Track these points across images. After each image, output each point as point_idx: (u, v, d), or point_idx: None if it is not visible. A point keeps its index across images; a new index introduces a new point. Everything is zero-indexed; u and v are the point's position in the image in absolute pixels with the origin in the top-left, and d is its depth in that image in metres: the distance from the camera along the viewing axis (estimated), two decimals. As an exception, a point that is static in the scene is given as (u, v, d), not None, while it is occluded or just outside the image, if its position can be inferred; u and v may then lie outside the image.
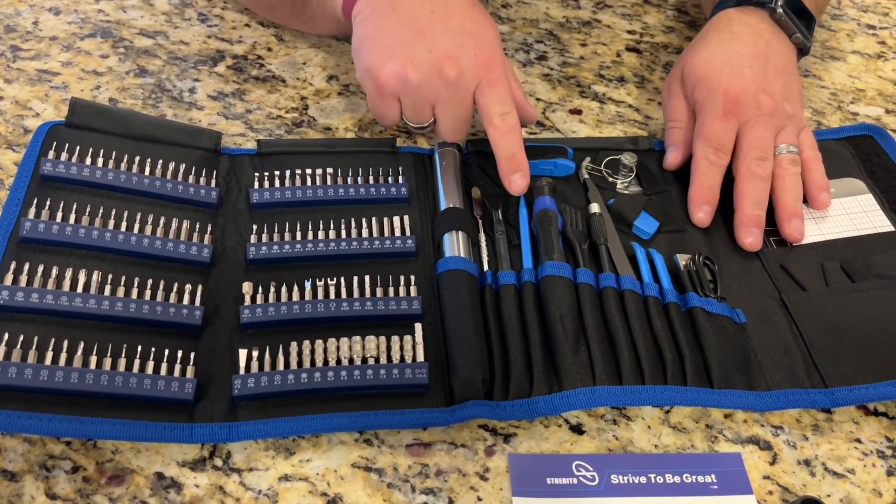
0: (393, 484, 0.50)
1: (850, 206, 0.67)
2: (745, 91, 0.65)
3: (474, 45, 0.62)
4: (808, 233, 0.64)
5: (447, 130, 0.65)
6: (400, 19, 0.63)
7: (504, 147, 0.61)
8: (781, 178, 0.64)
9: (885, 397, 0.54)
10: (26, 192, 0.57)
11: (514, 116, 0.62)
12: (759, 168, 0.63)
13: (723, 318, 0.57)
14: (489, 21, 0.66)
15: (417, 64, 0.61)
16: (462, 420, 0.51)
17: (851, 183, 0.69)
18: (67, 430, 0.48)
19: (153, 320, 0.53)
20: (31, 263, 0.54)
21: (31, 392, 0.48)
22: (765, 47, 0.68)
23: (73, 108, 0.62)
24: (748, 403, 0.54)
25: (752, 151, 0.64)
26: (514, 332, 0.55)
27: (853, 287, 0.60)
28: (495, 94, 0.62)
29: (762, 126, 0.65)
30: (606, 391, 0.52)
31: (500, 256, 0.60)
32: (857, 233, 0.65)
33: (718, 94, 0.65)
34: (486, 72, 0.62)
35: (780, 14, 0.68)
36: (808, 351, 0.57)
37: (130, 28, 0.79)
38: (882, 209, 0.67)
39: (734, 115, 0.65)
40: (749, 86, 0.66)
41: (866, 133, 0.73)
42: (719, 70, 0.66)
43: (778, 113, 0.66)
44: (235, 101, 0.73)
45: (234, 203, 0.62)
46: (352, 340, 0.54)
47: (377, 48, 0.63)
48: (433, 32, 0.62)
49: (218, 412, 0.51)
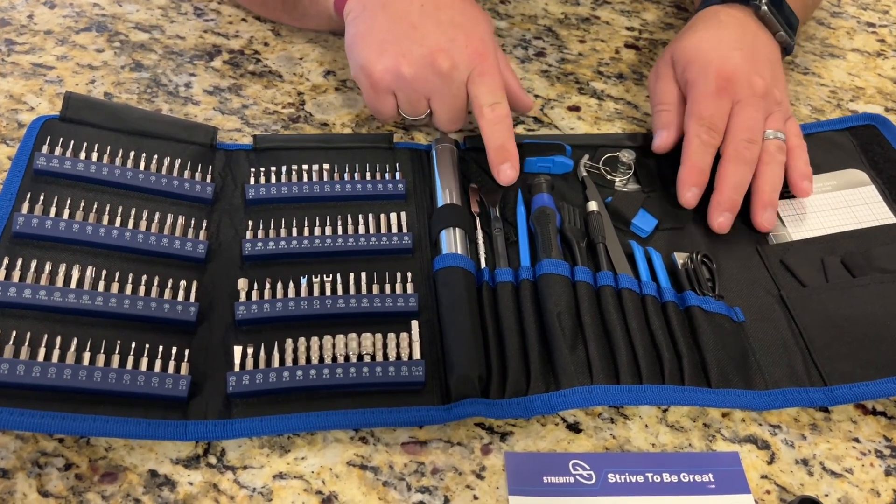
0: (388, 482, 0.49)
1: (851, 198, 0.66)
2: (737, 71, 0.65)
3: (465, 37, 0.63)
4: (809, 226, 0.64)
5: (443, 121, 0.66)
6: (391, 16, 0.63)
7: (493, 137, 0.62)
8: (766, 163, 0.64)
9: (884, 394, 0.54)
10: (19, 187, 0.57)
11: (504, 107, 0.63)
12: (746, 151, 0.63)
13: (721, 316, 0.57)
14: (480, 12, 0.66)
15: (410, 59, 0.62)
16: (459, 418, 0.51)
17: (853, 174, 0.68)
18: (60, 426, 0.47)
19: (147, 316, 0.53)
20: (24, 259, 0.53)
21: (23, 389, 0.48)
22: (752, 37, 0.68)
23: (67, 103, 0.61)
24: (746, 403, 0.53)
25: (742, 132, 0.63)
26: (511, 330, 0.55)
27: (853, 282, 0.60)
28: (485, 85, 0.63)
29: (753, 107, 0.64)
30: (603, 390, 0.52)
31: (498, 254, 0.60)
32: (858, 225, 0.64)
33: (711, 73, 0.65)
34: (478, 62, 0.63)
35: (764, 11, 0.68)
36: (808, 348, 0.56)
37: (126, 22, 0.78)
38: (885, 200, 0.66)
39: (727, 93, 0.64)
40: (741, 66, 0.65)
41: (869, 123, 0.73)
42: (710, 51, 0.66)
43: (768, 97, 0.66)
44: (232, 97, 0.72)
45: (230, 199, 0.61)
46: (347, 337, 0.53)
47: (370, 45, 0.63)
48: (424, 27, 0.63)
49: (212, 409, 0.50)
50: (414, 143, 0.68)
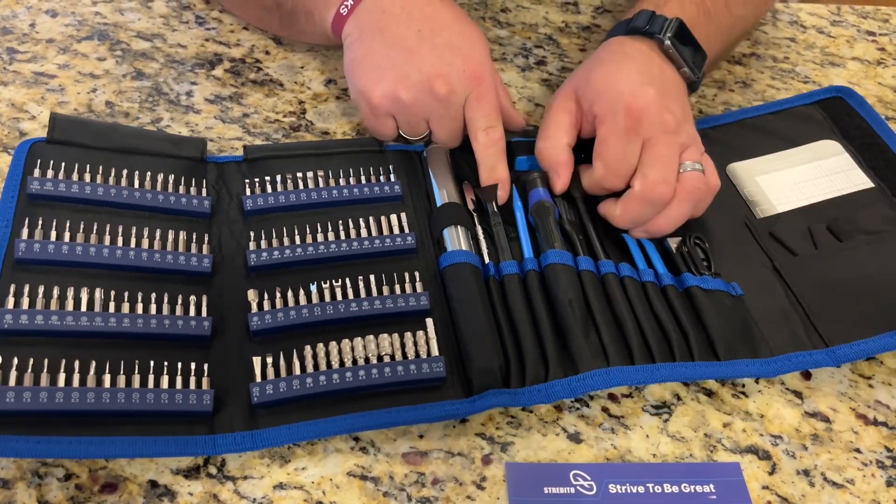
0: (389, 493, 0.49)
1: (829, 168, 0.69)
2: (647, 108, 0.61)
3: (462, 60, 0.63)
4: (793, 198, 0.66)
5: (443, 141, 0.67)
6: (388, 41, 0.64)
7: (486, 160, 0.64)
8: (680, 201, 0.60)
9: (885, 349, 0.56)
10: (15, 212, 0.56)
11: (498, 130, 0.64)
12: (651, 192, 0.59)
13: (720, 293, 0.59)
14: (477, 33, 0.66)
15: (408, 84, 0.62)
16: (483, 409, 0.52)
17: (827, 145, 0.71)
18: (87, 451, 0.47)
19: (162, 334, 0.52)
20: (31, 285, 0.52)
21: (47, 416, 0.47)
22: (658, 71, 0.64)
23: (54, 124, 0.60)
24: (755, 371, 0.55)
25: (652, 172, 0.59)
26: (524, 320, 0.56)
27: (841, 246, 0.62)
28: (481, 109, 0.63)
29: (666, 145, 0.60)
30: (621, 371, 0.54)
31: (501, 247, 0.61)
32: (839, 193, 0.67)
33: (621, 110, 0.60)
34: (475, 86, 0.63)
35: (668, 46, 0.65)
36: (806, 314, 0.59)
37: (127, 31, 0.79)
38: (860, 166, 0.69)
39: (637, 133, 0.60)
40: (652, 103, 0.61)
41: (835, 95, 0.75)
42: (619, 84, 0.62)
43: (680, 132, 0.61)
44: (233, 105, 0.72)
45: (227, 211, 0.61)
46: (366, 340, 0.54)
47: (368, 71, 0.64)
48: (421, 52, 0.63)
49: (238, 422, 0.50)
50: (404, 146, 0.68)
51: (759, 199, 0.67)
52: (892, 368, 0.58)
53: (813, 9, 0.91)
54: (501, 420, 0.54)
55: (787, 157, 0.70)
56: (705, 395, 0.56)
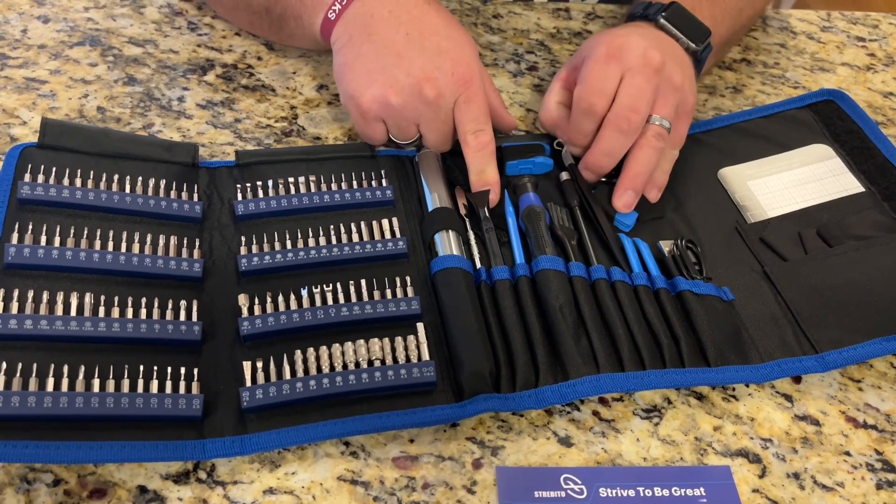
0: (379, 497, 0.49)
1: (819, 172, 0.69)
2: (629, 42, 0.63)
3: (451, 63, 0.63)
4: (784, 203, 0.66)
5: (433, 144, 0.67)
6: (377, 45, 0.64)
7: (475, 163, 0.64)
8: (639, 147, 0.63)
9: (874, 355, 0.56)
10: (5, 218, 0.56)
11: (487, 133, 0.64)
12: (624, 122, 0.61)
13: (711, 297, 0.59)
14: (465, 36, 0.67)
15: (398, 88, 0.63)
16: (473, 414, 0.52)
17: (819, 149, 0.71)
18: (76, 456, 0.47)
19: (152, 339, 0.52)
20: (21, 290, 0.52)
21: (35, 421, 0.47)
22: (666, 44, 0.67)
23: (45, 129, 0.60)
24: (745, 377, 0.55)
25: (625, 99, 0.61)
26: (514, 326, 0.56)
27: (831, 252, 0.62)
28: (470, 112, 0.64)
29: (643, 77, 0.61)
30: (611, 378, 0.54)
31: (493, 253, 0.61)
32: (829, 197, 0.67)
33: (602, 43, 0.64)
34: (464, 89, 0.63)
35: (662, 23, 0.67)
36: (796, 320, 0.59)
37: (119, 36, 0.79)
38: (851, 171, 0.69)
39: (617, 59, 0.62)
40: (637, 41, 0.63)
41: (827, 98, 0.75)
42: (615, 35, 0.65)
43: (665, 73, 0.62)
44: (225, 111, 0.72)
45: (218, 216, 0.61)
46: (356, 344, 0.54)
47: (357, 75, 0.64)
48: (410, 56, 0.63)
49: (227, 426, 0.50)
50: (395, 150, 0.68)
51: (750, 203, 0.67)
52: (882, 372, 0.58)
53: (803, 15, 0.92)
54: (492, 424, 0.54)
55: (778, 162, 0.70)
56: (696, 399, 0.56)
